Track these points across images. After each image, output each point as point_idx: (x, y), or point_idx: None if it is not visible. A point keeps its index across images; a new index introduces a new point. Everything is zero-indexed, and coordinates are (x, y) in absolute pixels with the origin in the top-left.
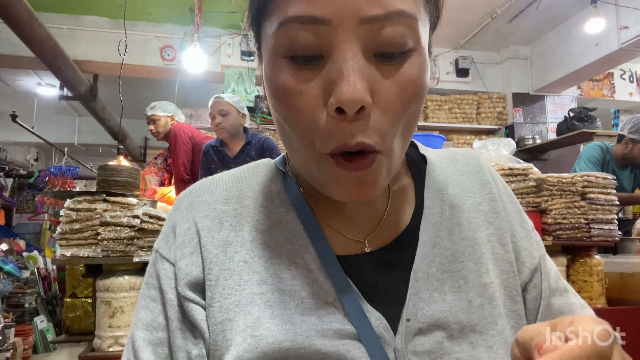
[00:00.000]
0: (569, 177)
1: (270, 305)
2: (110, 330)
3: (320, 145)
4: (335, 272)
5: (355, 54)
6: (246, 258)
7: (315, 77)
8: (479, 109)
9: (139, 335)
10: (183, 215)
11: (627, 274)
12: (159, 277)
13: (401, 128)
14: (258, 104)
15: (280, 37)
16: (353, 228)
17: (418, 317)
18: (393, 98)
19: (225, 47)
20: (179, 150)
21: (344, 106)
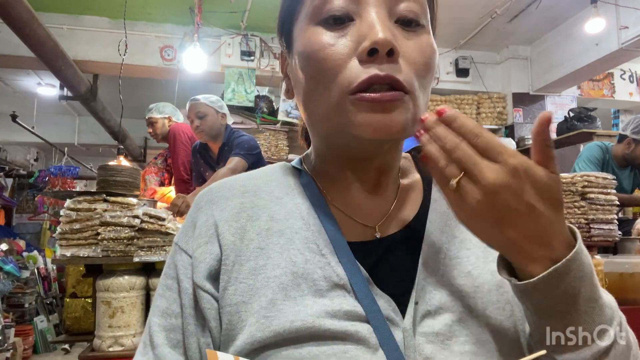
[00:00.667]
0: (569, 177)
1: (284, 287)
2: (110, 330)
3: (347, 85)
4: (347, 257)
5: (382, 15)
6: (262, 245)
7: (347, 34)
8: (479, 109)
9: (154, 321)
10: (203, 211)
11: (627, 274)
12: (176, 268)
13: (422, 85)
14: (258, 103)
15: (317, 5)
16: (364, 216)
17: (426, 300)
18: (415, 55)
19: (225, 47)
20: (179, 150)
21: (377, 45)
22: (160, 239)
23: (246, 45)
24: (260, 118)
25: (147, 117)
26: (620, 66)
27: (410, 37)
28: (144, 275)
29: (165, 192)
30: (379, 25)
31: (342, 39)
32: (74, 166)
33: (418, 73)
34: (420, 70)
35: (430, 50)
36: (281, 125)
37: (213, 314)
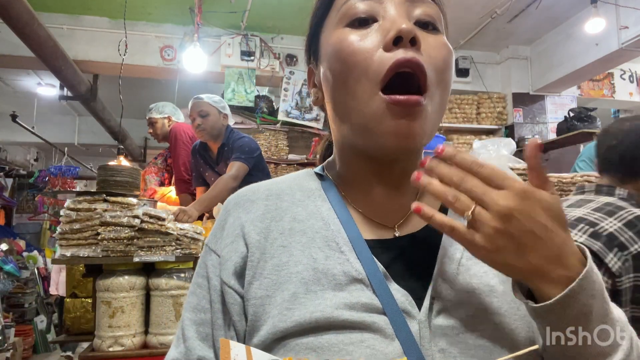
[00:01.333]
0: (569, 177)
1: (305, 282)
2: (110, 330)
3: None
4: (365, 253)
5: (403, 15)
6: (285, 243)
7: (372, 32)
8: (479, 109)
9: (186, 316)
10: (230, 214)
11: None
12: (206, 267)
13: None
14: (258, 103)
15: (343, 11)
16: (384, 216)
17: (442, 296)
18: (435, 52)
19: (225, 47)
20: (180, 150)
21: (401, 33)
22: (160, 239)
23: (246, 45)
24: (260, 118)
25: (147, 118)
26: (620, 66)
27: (429, 36)
28: (144, 275)
29: (165, 192)
30: (402, 19)
31: (368, 36)
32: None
33: (437, 68)
34: (439, 66)
35: (448, 50)
36: (281, 125)
37: (237, 309)
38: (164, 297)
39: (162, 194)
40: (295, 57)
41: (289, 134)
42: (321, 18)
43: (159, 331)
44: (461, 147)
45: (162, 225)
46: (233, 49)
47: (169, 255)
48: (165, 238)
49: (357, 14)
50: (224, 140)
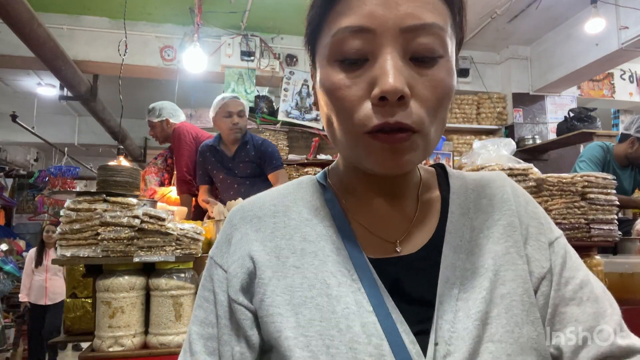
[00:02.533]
0: (569, 177)
1: (320, 308)
2: (110, 331)
3: (361, 126)
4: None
5: (395, 57)
6: (297, 264)
7: (361, 75)
8: (479, 109)
9: (193, 330)
10: (236, 228)
11: (627, 274)
12: (212, 281)
13: (436, 119)
14: (258, 103)
15: (333, 45)
16: (386, 231)
17: (445, 340)
18: (428, 93)
19: (225, 47)
20: (183, 151)
21: (386, 94)
22: (160, 239)
23: (246, 45)
24: (260, 118)
25: (147, 120)
26: (620, 66)
27: (424, 72)
28: (144, 276)
29: (165, 192)
30: (391, 71)
31: (357, 80)
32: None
33: (430, 110)
34: (432, 107)
35: (444, 84)
36: (281, 126)
37: (249, 324)
38: (164, 297)
39: (162, 194)
40: (295, 57)
41: (289, 134)
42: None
43: (159, 331)
44: (461, 147)
45: (162, 225)
46: (233, 49)
47: (169, 256)
48: (165, 238)
49: (347, 54)
50: (246, 138)
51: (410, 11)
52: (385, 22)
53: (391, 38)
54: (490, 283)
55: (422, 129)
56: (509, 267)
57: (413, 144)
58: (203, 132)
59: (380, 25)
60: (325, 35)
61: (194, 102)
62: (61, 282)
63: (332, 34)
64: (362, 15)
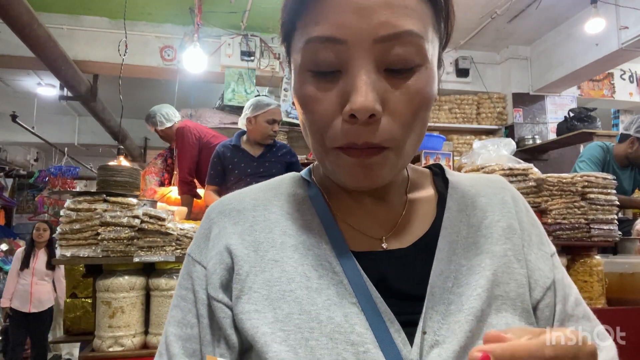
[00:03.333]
0: (569, 177)
1: (299, 302)
2: (110, 331)
3: (331, 142)
4: (358, 276)
5: (368, 70)
6: (276, 257)
7: (333, 88)
8: (479, 109)
9: (170, 331)
10: (214, 222)
11: (627, 274)
12: (191, 279)
13: (412, 131)
14: None
15: (305, 54)
16: (371, 228)
17: (434, 330)
18: (402, 107)
19: (225, 47)
20: (185, 152)
21: (356, 113)
22: (160, 239)
23: (246, 45)
24: None
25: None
26: (620, 66)
27: (400, 85)
28: (144, 276)
29: (165, 192)
30: (362, 88)
31: (328, 94)
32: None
33: (404, 124)
34: (407, 121)
35: (421, 96)
36: (281, 126)
37: (228, 322)
38: (164, 297)
39: (162, 194)
40: None
41: (289, 134)
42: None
43: (159, 331)
44: (461, 147)
45: (162, 225)
46: (233, 49)
47: (169, 256)
48: (165, 238)
49: (319, 64)
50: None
51: (384, 19)
52: (358, 32)
53: (364, 49)
54: (487, 282)
55: (393, 145)
56: (505, 269)
57: (385, 159)
58: (207, 131)
59: (352, 35)
60: (298, 40)
61: (194, 102)
62: (48, 288)
63: (304, 42)
64: (334, 24)
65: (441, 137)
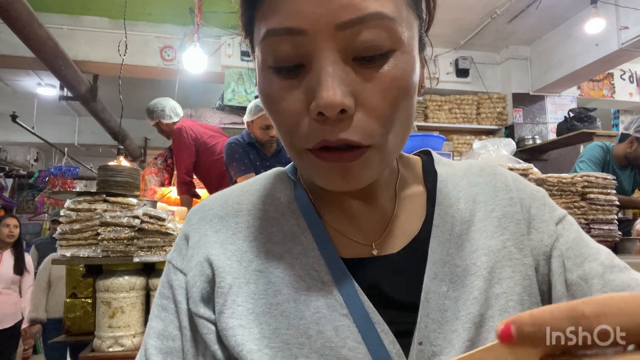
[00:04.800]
0: (569, 178)
1: (287, 315)
2: (110, 331)
3: (301, 143)
4: (349, 287)
5: (333, 61)
6: (261, 268)
7: (298, 85)
8: (479, 109)
9: (150, 343)
10: (195, 228)
11: None
12: (172, 288)
13: (393, 125)
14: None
15: (264, 50)
16: (361, 231)
17: (431, 340)
18: (376, 99)
19: (225, 47)
20: (182, 153)
21: (324, 110)
22: (160, 239)
23: (246, 45)
24: None
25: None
26: (620, 66)
27: (372, 75)
28: (144, 276)
29: (165, 192)
30: (327, 82)
31: (293, 92)
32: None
33: (382, 118)
34: (385, 115)
35: (398, 85)
36: None
37: (212, 339)
38: None
39: (162, 194)
40: None
41: None
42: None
43: None
44: (461, 147)
45: (162, 225)
46: (233, 49)
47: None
48: (165, 238)
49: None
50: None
51: (346, 2)
52: (317, 19)
53: (327, 38)
54: (485, 282)
55: (374, 142)
56: (506, 263)
57: (366, 160)
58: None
59: (312, 24)
60: (257, 35)
61: (194, 102)
62: (14, 299)
63: (261, 36)
64: (290, 13)
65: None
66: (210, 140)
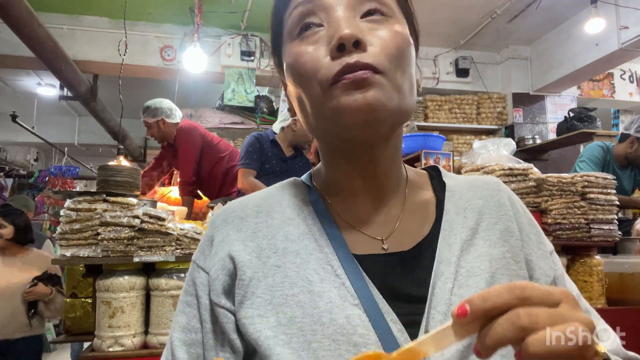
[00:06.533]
0: (569, 177)
1: (302, 305)
2: (110, 331)
3: (326, 80)
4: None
5: (347, 15)
6: (279, 263)
7: (319, 40)
8: (479, 109)
9: (175, 336)
10: (218, 230)
11: (627, 274)
12: (195, 285)
13: (400, 68)
14: (258, 104)
15: (291, 23)
16: (372, 229)
17: None
18: (385, 41)
19: (225, 47)
20: (190, 153)
21: (342, 40)
22: (161, 239)
23: (246, 45)
24: (260, 118)
25: (142, 119)
26: (620, 66)
27: (378, 27)
28: (144, 276)
29: (165, 192)
30: (343, 23)
31: (315, 45)
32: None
33: (389, 54)
34: (391, 52)
35: (400, 36)
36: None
37: (232, 328)
38: (164, 297)
39: (162, 194)
40: None
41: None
42: (278, 33)
43: (159, 331)
44: (461, 147)
45: (162, 225)
46: (233, 49)
47: (169, 255)
48: (165, 238)
49: (303, 24)
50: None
51: None
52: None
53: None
54: (486, 284)
55: (384, 69)
56: (505, 271)
57: (380, 82)
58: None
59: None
60: (285, 24)
61: (194, 102)
62: None
63: (288, 16)
64: None
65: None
66: (215, 139)
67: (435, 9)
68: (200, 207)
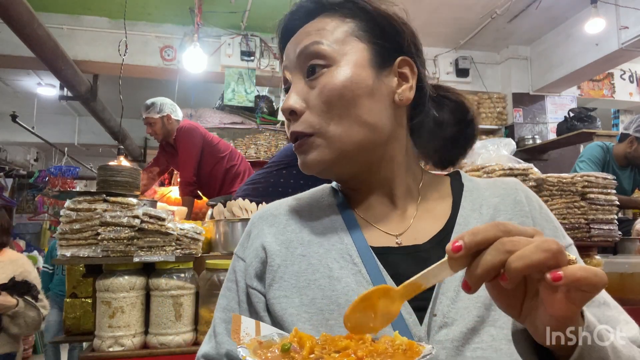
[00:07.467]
0: (569, 177)
1: (322, 288)
2: (110, 330)
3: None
4: (376, 268)
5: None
6: (304, 253)
7: None
8: (479, 109)
9: (217, 315)
10: (255, 225)
11: (627, 274)
12: (235, 272)
13: (332, 118)
14: (258, 104)
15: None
16: (387, 225)
17: (444, 313)
18: (317, 100)
19: (225, 47)
20: (191, 153)
21: (283, 113)
22: (160, 239)
23: (246, 45)
24: (260, 118)
25: (144, 117)
26: (620, 66)
27: (315, 84)
28: (144, 276)
29: (165, 192)
30: (289, 94)
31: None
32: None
33: (322, 114)
34: (323, 111)
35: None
36: (281, 126)
37: (261, 306)
38: (164, 297)
39: (162, 194)
40: None
41: None
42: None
43: (159, 331)
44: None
45: (162, 225)
46: (233, 49)
47: (169, 255)
48: (165, 238)
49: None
50: None
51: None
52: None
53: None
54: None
55: (314, 130)
56: None
57: (312, 144)
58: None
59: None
60: None
61: (194, 102)
62: None
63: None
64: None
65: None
66: (214, 139)
67: (435, 9)
68: (200, 207)
